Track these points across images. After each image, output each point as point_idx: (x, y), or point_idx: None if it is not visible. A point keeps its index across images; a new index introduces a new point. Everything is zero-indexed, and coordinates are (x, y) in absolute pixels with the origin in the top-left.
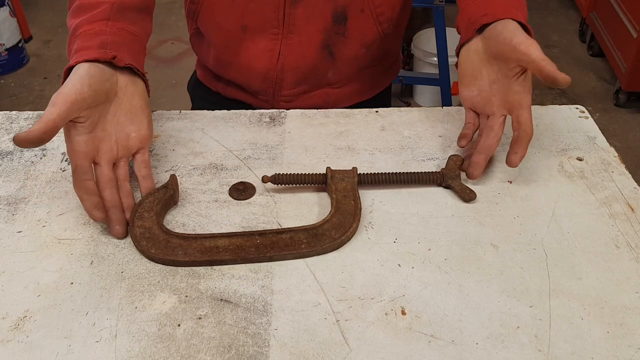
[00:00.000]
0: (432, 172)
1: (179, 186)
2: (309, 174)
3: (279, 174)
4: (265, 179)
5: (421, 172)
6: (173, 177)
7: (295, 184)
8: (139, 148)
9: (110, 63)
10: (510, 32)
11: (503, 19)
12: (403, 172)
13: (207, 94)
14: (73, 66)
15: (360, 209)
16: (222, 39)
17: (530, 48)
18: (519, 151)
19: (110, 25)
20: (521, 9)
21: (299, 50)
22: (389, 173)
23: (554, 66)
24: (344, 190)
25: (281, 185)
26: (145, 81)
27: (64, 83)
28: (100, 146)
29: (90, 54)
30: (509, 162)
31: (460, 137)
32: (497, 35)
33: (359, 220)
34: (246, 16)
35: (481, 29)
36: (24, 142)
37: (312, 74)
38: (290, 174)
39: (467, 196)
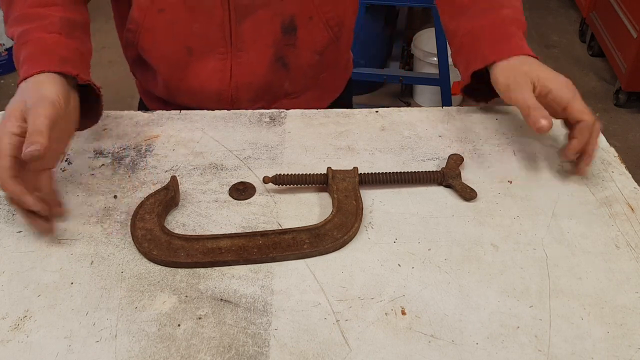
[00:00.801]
0: (433, 171)
1: (179, 186)
2: (310, 174)
3: (280, 174)
4: (266, 180)
5: (422, 172)
6: (174, 179)
7: (296, 185)
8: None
9: (71, 78)
10: (505, 79)
11: (492, 62)
12: (404, 172)
13: None
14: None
15: (362, 208)
16: (167, 63)
17: (519, 98)
18: (585, 159)
19: (67, 43)
20: (518, 24)
21: (251, 68)
22: (390, 173)
23: (541, 112)
24: (345, 190)
25: (282, 185)
26: (100, 96)
27: (37, 89)
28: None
29: (54, 66)
30: (579, 171)
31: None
32: (493, 81)
33: (360, 220)
34: (190, 37)
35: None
36: (36, 159)
37: (268, 88)
38: (291, 174)
39: (468, 195)
